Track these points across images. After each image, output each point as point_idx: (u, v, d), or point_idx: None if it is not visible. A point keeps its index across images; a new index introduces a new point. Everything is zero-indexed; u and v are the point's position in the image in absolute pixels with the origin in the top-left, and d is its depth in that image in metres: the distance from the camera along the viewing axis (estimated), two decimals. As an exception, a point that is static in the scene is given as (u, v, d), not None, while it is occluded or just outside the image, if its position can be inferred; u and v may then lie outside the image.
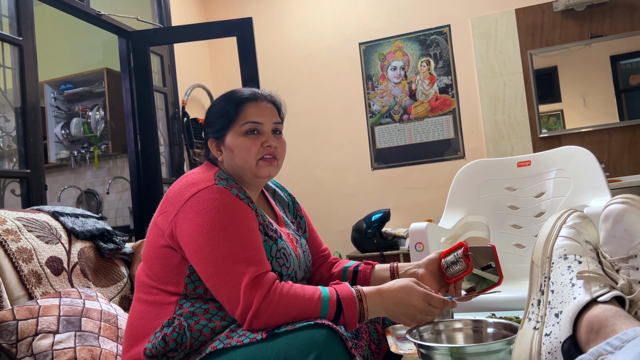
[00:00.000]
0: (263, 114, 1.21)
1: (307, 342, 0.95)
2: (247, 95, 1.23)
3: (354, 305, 1.05)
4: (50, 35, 4.18)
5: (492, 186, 2.46)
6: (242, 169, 1.20)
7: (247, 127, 1.19)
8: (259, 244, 1.10)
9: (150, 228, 1.19)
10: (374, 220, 3.42)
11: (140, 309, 1.16)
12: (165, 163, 3.73)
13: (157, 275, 1.15)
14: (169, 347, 1.06)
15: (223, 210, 1.08)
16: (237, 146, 1.19)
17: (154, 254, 1.16)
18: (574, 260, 0.85)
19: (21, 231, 1.45)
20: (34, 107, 2.58)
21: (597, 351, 0.68)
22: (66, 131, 4.14)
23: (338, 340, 0.96)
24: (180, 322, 1.08)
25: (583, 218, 0.93)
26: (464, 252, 1.22)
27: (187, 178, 1.16)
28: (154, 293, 1.15)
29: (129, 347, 1.14)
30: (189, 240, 1.07)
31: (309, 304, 1.02)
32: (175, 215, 1.11)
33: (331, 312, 1.03)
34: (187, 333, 1.06)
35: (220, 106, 1.24)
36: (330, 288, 1.07)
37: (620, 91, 3.46)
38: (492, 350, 0.87)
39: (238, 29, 3.31)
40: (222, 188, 1.11)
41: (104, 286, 1.64)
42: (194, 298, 1.12)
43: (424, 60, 3.85)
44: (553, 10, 3.55)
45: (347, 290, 1.06)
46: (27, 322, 1.23)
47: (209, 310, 1.10)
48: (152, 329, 1.11)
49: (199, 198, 1.09)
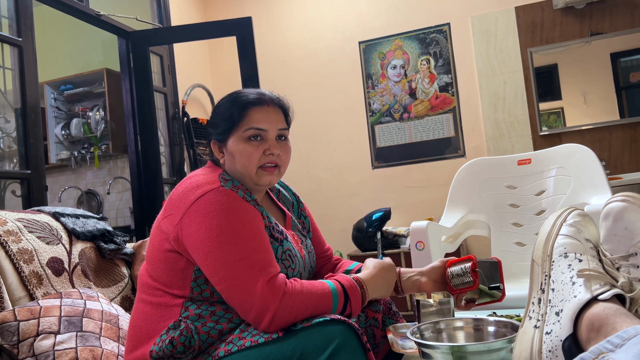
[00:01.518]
0: (268, 120, 1.18)
1: (323, 338, 0.96)
2: (253, 99, 1.19)
3: (358, 292, 1.10)
4: (50, 36, 4.18)
5: (493, 184, 2.45)
6: (242, 175, 1.18)
7: (249, 133, 1.16)
8: (268, 246, 1.09)
9: (154, 231, 1.18)
10: (374, 219, 3.42)
11: (144, 310, 1.15)
12: (165, 163, 3.73)
13: (162, 279, 1.14)
14: (177, 350, 1.05)
15: (231, 213, 1.06)
16: (238, 152, 1.16)
17: (158, 257, 1.14)
18: (575, 258, 0.85)
19: (22, 232, 1.45)
20: (34, 108, 2.58)
21: (598, 349, 0.68)
22: (66, 132, 4.14)
23: (354, 335, 0.98)
24: (187, 324, 1.07)
25: (583, 216, 0.93)
26: (472, 267, 1.22)
27: (191, 180, 1.14)
28: (159, 295, 1.14)
29: (133, 348, 1.13)
30: (198, 244, 1.06)
31: (322, 299, 1.05)
32: (180, 219, 1.09)
33: (341, 303, 1.07)
34: (195, 336, 1.05)
35: (224, 108, 1.20)
36: (332, 280, 1.10)
37: (620, 89, 3.45)
38: (493, 348, 0.87)
39: (238, 29, 3.31)
40: (228, 190, 1.09)
41: (105, 287, 1.64)
42: (199, 300, 1.11)
43: (424, 58, 3.84)
44: (553, 8, 3.54)
45: (349, 280, 1.12)
46: (28, 323, 1.23)
47: (216, 313, 1.09)
48: (157, 331, 1.10)
49: (205, 200, 1.07)
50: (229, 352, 1.03)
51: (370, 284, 1.15)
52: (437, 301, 1.21)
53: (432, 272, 1.29)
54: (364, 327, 1.26)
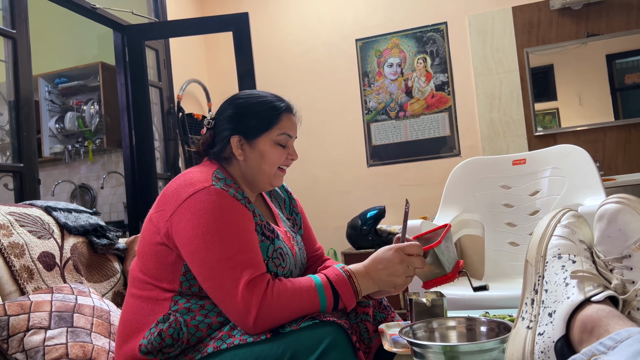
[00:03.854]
0: (295, 128, 1.26)
1: (313, 338, 0.97)
2: (285, 106, 1.24)
3: (347, 284, 1.08)
4: (45, 29, 4.14)
5: (487, 184, 2.46)
6: (263, 173, 1.22)
7: (281, 138, 1.22)
8: (254, 247, 1.10)
9: (146, 224, 1.19)
10: (369, 217, 3.42)
11: (134, 304, 1.15)
12: (160, 158, 3.72)
13: (152, 272, 1.14)
14: (165, 343, 1.05)
15: (219, 212, 1.07)
16: (267, 152, 1.21)
17: (149, 250, 1.15)
18: (568, 259, 0.85)
19: (13, 226, 1.44)
20: (28, 101, 2.56)
21: (590, 351, 0.68)
22: (60, 125, 4.12)
23: (344, 336, 0.99)
24: (176, 317, 1.07)
25: (578, 217, 0.93)
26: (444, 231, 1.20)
27: (185, 177, 1.15)
28: (149, 289, 1.14)
29: (123, 343, 1.13)
30: (185, 241, 1.07)
31: (307, 296, 1.04)
32: (171, 215, 1.10)
33: (329, 298, 1.06)
34: (184, 328, 1.06)
35: (261, 108, 1.22)
36: (320, 275, 1.10)
37: (615, 90, 3.46)
38: (485, 348, 0.87)
39: (234, 24, 3.30)
40: (219, 189, 1.10)
41: (97, 282, 1.63)
42: (189, 295, 1.12)
43: (421, 57, 3.84)
44: (550, 9, 3.55)
45: (337, 272, 1.10)
46: (18, 318, 1.22)
47: (205, 306, 1.10)
48: (146, 324, 1.10)
49: (195, 199, 1.08)
50: (218, 348, 1.03)
51: (361, 272, 1.11)
52: (430, 300, 1.21)
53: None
54: (354, 323, 1.26)
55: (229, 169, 1.24)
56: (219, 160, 1.25)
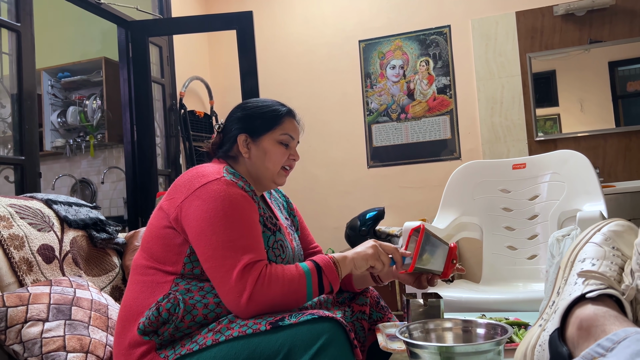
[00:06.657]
0: (297, 131, 1.36)
1: (312, 333, 0.99)
2: (288, 110, 1.35)
3: (330, 264, 1.16)
4: (49, 22, 4.15)
5: (487, 188, 2.46)
6: (266, 170, 1.30)
7: (284, 137, 1.31)
8: (257, 234, 1.16)
9: (155, 213, 1.25)
10: (368, 218, 3.42)
11: (136, 289, 1.19)
12: (161, 154, 3.72)
13: (156, 255, 1.19)
14: (162, 318, 1.09)
15: (228, 201, 1.14)
16: (271, 150, 1.29)
17: (156, 234, 1.20)
18: (589, 263, 0.86)
19: (13, 218, 1.44)
20: (31, 94, 2.57)
21: (589, 354, 0.68)
22: (62, 119, 4.12)
23: (342, 332, 1.01)
24: (175, 295, 1.12)
25: (623, 226, 0.92)
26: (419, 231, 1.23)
27: (197, 170, 1.22)
28: (151, 274, 1.18)
29: (123, 327, 1.16)
30: (193, 224, 1.13)
31: (295, 278, 1.11)
32: (182, 201, 1.16)
33: (314, 278, 1.12)
34: (181, 304, 1.10)
35: (268, 109, 1.33)
36: (307, 261, 1.17)
37: (617, 97, 3.46)
38: (481, 350, 0.87)
39: (238, 23, 3.30)
40: (229, 180, 1.18)
41: (96, 276, 1.64)
42: (190, 277, 1.16)
43: (423, 60, 3.85)
44: (553, 14, 3.55)
45: (322, 257, 1.19)
46: (16, 310, 1.23)
47: (204, 288, 1.14)
48: (147, 307, 1.14)
49: (207, 188, 1.15)
50: (217, 341, 1.05)
51: (341, 257, 1.20)
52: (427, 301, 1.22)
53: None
54: (350, 322, 1.31)
55: (235, 167, 1.31)
56: (227, 159, 1.33)
